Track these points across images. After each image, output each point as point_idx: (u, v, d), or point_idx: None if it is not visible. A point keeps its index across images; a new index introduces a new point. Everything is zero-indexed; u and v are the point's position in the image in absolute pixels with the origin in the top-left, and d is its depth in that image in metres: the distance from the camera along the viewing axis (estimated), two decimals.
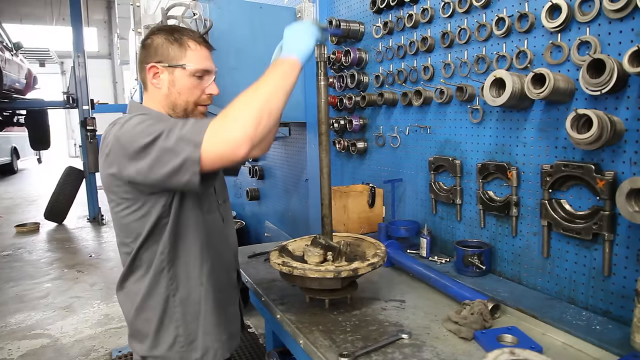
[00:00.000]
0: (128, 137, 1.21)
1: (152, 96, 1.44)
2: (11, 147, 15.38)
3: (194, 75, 1.42)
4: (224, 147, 1.14)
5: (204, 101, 1.48)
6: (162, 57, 1.40)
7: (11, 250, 6.66)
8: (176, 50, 1.41)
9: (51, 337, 3.97)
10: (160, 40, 1.41)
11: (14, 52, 8.92)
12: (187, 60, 1.41)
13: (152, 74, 1.41)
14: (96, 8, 20.23)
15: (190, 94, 1.43)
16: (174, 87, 1.41)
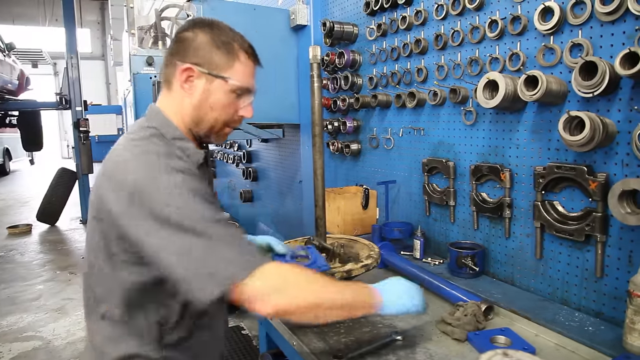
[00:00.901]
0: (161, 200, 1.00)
1: (176, 101, 1.19)
2: (3, 148, 15.28)
3: (233, 91, 1.18)
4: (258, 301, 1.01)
5: (234, 123, 1.25)
6: (202, 59, 1.15)
7: (3, 252, 6.59)
8: (223, 58, 1.16)
9: (43, 339, 3.93)
10: (205, 38, 1.16)
11: (6, 52, 8.86)
12: (233, 73, 1.17)
13: (186, 76, 1.16)
14: (89, 9, 20.15)
15: (223, 112, 1.20)
16: (207, 99, 1.17)
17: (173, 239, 0.99)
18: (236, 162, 4.97)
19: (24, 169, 18.15)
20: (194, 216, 1.00)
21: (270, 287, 1.02)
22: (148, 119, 1.20)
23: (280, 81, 3.11)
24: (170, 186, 1.01)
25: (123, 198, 1.01)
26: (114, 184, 1.04)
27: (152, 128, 1.16)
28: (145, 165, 1.04)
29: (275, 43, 3.16)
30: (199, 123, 1.20)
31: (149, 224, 1.00)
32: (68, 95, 7.85)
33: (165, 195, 1.00)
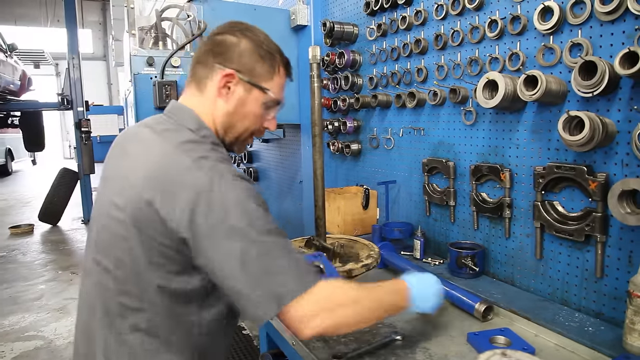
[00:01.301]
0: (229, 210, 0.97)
1: (209, 104, 1.16)
2: (5, 149, 15.32)
3: (266, 103, 1.19)
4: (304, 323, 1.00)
5: (258, 133, 1.26)
6: (244, 67, 1.14)
7: (5, 251, 6.61)
8: (265, 69, 1.16)
9: (45, 338, 3.94)
10: (249, 46, 1.14)
11: (8, 53, 8.88)
12: (272, 85, 1.18)
13: (225, 81, 1.14)
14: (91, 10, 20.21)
15: (253, 122, 1.20)
16: (242, 107, 1.16)
17: (236, 250, 0.96)
18: (237, 163, 4.98)
19: (26, 169, 18.20)
20: (261, 228, 0.99)
21: (319, 309, 1.01)
22: (179, 119, 1.15)
23: None
24: (238, 192, 1.00)
25: (186, 206, 0.97)
26: (170, 189, 0.98)
27: (189, 130, 1.11)
28: (208, 170, 1.00)
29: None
30: (228, 130, 1.18)
31: (217, 233, 0.97)
32: (70, 95, 7.86)
33: (232, 203, 0.97)
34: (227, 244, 0.96)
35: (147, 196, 0.99)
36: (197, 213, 0.96)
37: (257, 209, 1.00)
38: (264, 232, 0.98)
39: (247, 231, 0.97)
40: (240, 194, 0.99)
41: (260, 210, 1.01)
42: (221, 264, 0.98)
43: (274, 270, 0.97)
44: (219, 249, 0.97)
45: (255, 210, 0.99)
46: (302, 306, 0.98)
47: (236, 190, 0.99)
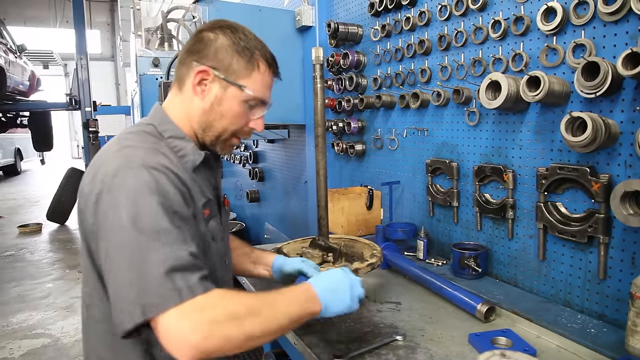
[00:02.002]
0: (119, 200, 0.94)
1: (186, 103, 1.15)
2: (15, 149, 15.49)
3: (247, 102, 1.15)
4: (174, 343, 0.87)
5: (243, 134, 1.22)
6: (220, 63, 1.12)
7: (14, 250, 6.69)
8: (242, 65, 1.13)
9: (52, 336, 3.99)
10: (226, 42, 1.12)
11: (17, 54, 8.97)
12: (250, 82, 1.14)
13: (200, 78, 1.12)
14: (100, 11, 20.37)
15: (233, 121, 1.16)
16: (219, 105, 1.14)
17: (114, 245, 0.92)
18: (243, 163, 5.00)
19: (35, 168, 18.39)
20: (146, 226, 0.91)
21: (195, 326, 0.87)
22: (150, 116, 1.18)
23: (285, 82, 3.10)
24: (135, 181, 0.95)
25: (95, 189, 0.98)
26: (93, 178, 1.01)
27: (150, 125, 1.14)
28: (121, 159, 0.99)
29: (281, 44, 3.17)
30: (206, 129, 1.16)
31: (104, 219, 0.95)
32: (78, 96, 7.94)
33: (125, 191, 0.94)
34: (109, 239, 0.93)
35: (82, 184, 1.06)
36: (100, 200, 0.96)
37: (151, 205, 0.93)
38: (147, 231, 0.91)
39: (128, 227, 0.91)
40: (141, 185, 0.94)
41: (157, 207, 0.93)
42: (100, 255, 0.96)
43: (145, 274, 0.88)
44: (103, 242, 0.95)
45: (148, 205, 0.93)
46: (173, 321, 0.87)
47: (138, 181, 0.95)
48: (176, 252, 0.91)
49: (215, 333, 0.88)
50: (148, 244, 0.90)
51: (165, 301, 0.87)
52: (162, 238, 0.91)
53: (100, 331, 1.10)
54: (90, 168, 1.06)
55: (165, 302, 0.87)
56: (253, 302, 0.99)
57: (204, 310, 0.89)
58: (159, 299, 0.87)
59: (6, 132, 11.18)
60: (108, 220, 0.94)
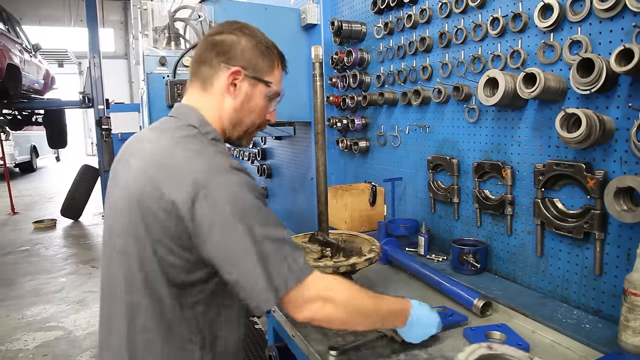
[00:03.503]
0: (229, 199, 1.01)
1: (216, 102, 1.20)
2: (31, 146, 15.78)
3: (268, 96, 1.25)
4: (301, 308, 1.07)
5: (262, 125, 1.31)
6: (248, 64, 1.19)
7: (29, 245, 6.85)
8: (266, 64, 1.23)
9: (65, 329, 4.09)
10: (250, 44, 1.20)
11: (32, 53, 9.13)
12: (273, 78, 1.25)
13: (232, 78, 1.18)
14: (113, 9, 20.58)
15: (259, 115, 1.26)
16: (248, 102, 1.22)
17: (233, 238, 1.00)
18: (251, 159, 5.04)
19: (50, 165, 18.72)
20: (258, 219, 1.03)
21: (316, 297, 1.07)
22: (184, 117, 1.18)
23: (291, 79, 3.12)
24: (233, 184, 1.03)
25: (188, 194, 1.00)
26: (177, 179, 1.03)
27: (191, 126, 1.15)
28: (206, 162, 1.05)
29: (286, 42, 3.20)
30: (236, 125, 1.24)
31: (212, 220, 1.00)
32: (90, 93, 8.06)
33: (229, 194, 1.01)
34: (223, 235, 1.00)
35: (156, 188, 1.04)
36: (197, 201, 1.00)
37: (253, 201, 1.04)
38: (259, 224, 1.02)
39: (238, 222, 1.00)
40: (236, 186, 1.03)
41: (257, 202, 1.04)
42: (218, 254, 1.02)
43: (270, 260, 1.01)
44: (216, 238, 1.00)
45: (251, 201, 1.03)
46: (297, 294, 1.04)
47: (232, 182, 1.03)
48: (283, 237, 1.06)
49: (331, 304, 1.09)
50: (260, 234, 1.02)
51: (287, 282, 1.03)
52: (270, 228, 1.04)
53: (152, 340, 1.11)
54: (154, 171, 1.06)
55: (287, 283, 1.03)
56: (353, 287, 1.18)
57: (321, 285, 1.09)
58: (282, 282, 1.02)
59: (22, 130, 11.38)
60: (217, 222, 1.00)
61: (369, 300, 1.19)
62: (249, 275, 1.01)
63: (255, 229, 1.01)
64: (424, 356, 1.35)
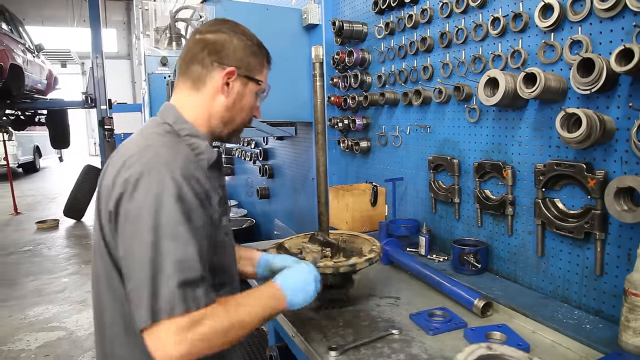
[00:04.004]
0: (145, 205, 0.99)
1: (207, 101, 1.21)
2: (34, 146, 15.84)
3: (256, 94, 1.27)
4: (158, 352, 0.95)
5: (249, 123, 1.34)
6: (241, 63, 1.21)
7: (32, 245, 6.87)
8: (257, 63, 1.25)
9: (67, 329, 4.10)
10: (242, 43, 1.21)
11: (35, 53, 9.17)
12: (262, 76, 1.27)
13: (227, 78, 1.20)
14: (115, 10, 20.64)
15: (248, 113, 1.28)
16: (240, 101, 1.23)
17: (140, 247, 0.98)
18: (253, 160, 5.05)
19: (53, 165, 18.78)
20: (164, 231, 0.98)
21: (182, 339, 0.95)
22: (162, 115, 1.21)
23: (292, 79, 3.15)
24: (156, 192, 1.00)
25: (119, 189, 1.03)
26: (118, 173, 1.05)
27: (165, 124, 1.18)
28: (146, 161, 1.04)
29: (288, 42, 3.20)
30: (228, 123, 1.25)
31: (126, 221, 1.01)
32: (93, 94, 8.09)
33: (148, 201, 0.99)
34: (130, 237, 1.00)
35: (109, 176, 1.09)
36: (123, 197, 1.01)
37: (173, 212, 0.99)
38: (166, 238, 0.97)
39: (149, 232, 0.97)
40: (164, 192, 1.00)
41: (177, 215, 0.99)
42: (118, 250, 1.03)
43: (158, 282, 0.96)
44: (124, 238, 1.01)
45: (170, 212, 0.99)
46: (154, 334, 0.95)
47: (161, 188, 1.00)
48: (190, 263, 0.99)
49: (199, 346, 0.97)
50: (165, 250, 0.97)
51: (172, 310, 0.94)
52: (179, 247, 0.98)
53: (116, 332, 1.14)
54: (113, 164, 1.10)
55: (172, 311, 0.94)
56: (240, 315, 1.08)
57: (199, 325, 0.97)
58: (167, 306, 0.95)
59: (25, 130, 11.42)
60: (129, 222, 1.00)
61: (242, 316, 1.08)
62: (138, 288, 0.96)
63: (162, 244, 0.97)
64: (424, 356, 1.35)
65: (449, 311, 1.60)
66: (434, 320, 1.54)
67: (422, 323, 1.53)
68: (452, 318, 1.55)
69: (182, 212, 1.00)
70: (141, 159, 1.05)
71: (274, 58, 1.34)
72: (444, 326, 1.50)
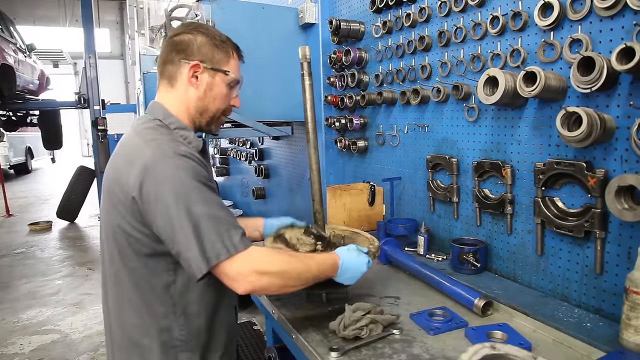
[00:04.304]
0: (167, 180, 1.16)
1: (182, 95, 1.36)
2: (26, 147, 15.68)
3: (229, 84, 1.40)
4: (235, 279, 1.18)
5: (227, 112, 1.46)
6: (205, 57, 1.35)
7: (24, 248, 6.80)
8: (222, 55, 1.37)
9: (61, 332, 4.06)
10: (204, 40, 1.35)
11: (27, 53, 9.07)
12: (230, 67, 1.39)
13: (193, 71, 1.34)
14: (108, 9, 20.50)
15: (222, 102, 1.41)
16: (210, 91, 1.37)
17: (173, 215, 1.14)
18: (249, 160, 5.03)
19: (45, 167, 18.61)
20: (193, 197, 1.15)
21: (250, 271, 1.18)
22: (152, 112, 1.36)
23: (288, 79, 3.13)
24: (175, 168, 1.17)
25: (137, 177, 1.17)
26: (131, 165, 1.20)
27: (156, 120, 1.33)
28: (154, 149, 1.20)
29: (284, 41, 3.19)
30: (203, 113, 1.39)
31: (156, 200, 1.15)
32: (86, 94, 8.00)
33: (170, 177, 1.16)
34: (164, 213, 1.15)
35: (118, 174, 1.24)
36: (144, 183, 1.16)
37: (193, 183, 1.17)
38: (197, 203, 1.15)
39: (180, 203, 1.14)
40: (177, 169, 1.17)
41: (196, 184, 1.18)
42: (161, 230, 1.17)
43: (204, 235, 1.14)
44: (160, 216, 1.16)
45: (189, 183, 1.17)
46: (231, 266, 1.16)
47: (174, 166, 1.17)
48: (220, 216, 1.18)
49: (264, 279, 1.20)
50: (197, 213, 1.15)
51: (218, 255, 1.15)
52: (207, 207, 1.17)
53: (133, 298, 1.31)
54: (122, 158, 1.26)
55: (219, 256, 1.14)
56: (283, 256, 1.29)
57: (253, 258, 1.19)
58: (214, 254, 1.14)
59: (17, 131, 11.29)
60: (160, 202, 1.15)
61: (300, 265, 1.30)
62: (185, 247, 1.14)
63: (192, 208, 1.14)
64: (425, 356, 1.34)
65: (449, 311, 1.59)
66: (434, 320, 1.53)
67: (422, 323, 1.53)
68: (452, 317, 1.55)
69: (199, 181, 1.18)
70: (150, 148, 1.21)
71: (270, 57, 1.44)
72: (444, 326, 1.50)
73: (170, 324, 1.30)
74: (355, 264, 1.46)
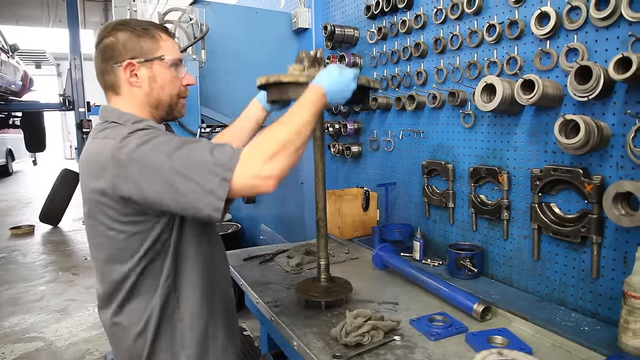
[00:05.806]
0: (141, 155, 1.13)
1: (130, 98, 1.33)
2: (6, 149, 15.35)
3: (171, 66, 1.35)
4: (256, 182, 1.09)
5: (184, 93, 1.42)
6: (134, 52, 1.29)
7: (5, 252, 6.63)
8: (149, 43, 1.31)
9: (45, 340, 3.96)
10: (126, 35, 1.29)
11: (10, 54, 8.91)
12: (163, 51, 1.33)
13: (129, 72, 1.30)
14: (93, 10, 20.19)
15: (172, 86, 1.36)
16: (155, 82, 1.33)
17: (160, 179, 1.10)
18: None
19: (26, 169, 18.22)
20: (167, 150, 1.11)
21: (257, 166, 1.10)
22: (105, 117, 1.32)
23: None
24: (137, 144, 1.14)
25: (101, 171, 1.17)
26: (92, 168, 1.21)
27: (111, 122, 1.29)
28: (112, 139, 1.19)
29: (277, 46, 3.19)
30: (157, 106, 1.36)
31: (140, 173, 1.12)
32: (71, 96, 7.89)
33: (137, 151, 1.13)
34: (151, 184, 1.12)
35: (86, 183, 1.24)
36: (117, 181, 1.15)
37: (155, 141, 1.14)
38: (169, 153, 1.11)
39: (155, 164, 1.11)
40: (137, 144, 1.14)
41: (158, 139, 1.15)
42: (157, 198, 1.13)
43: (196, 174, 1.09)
44: (147, 185, 1.12)
45: (153, 143, 1.14)
46: (242, 176, 1.09)
47: (133, 144, 1.15)
48: (203, 146, 1.13)
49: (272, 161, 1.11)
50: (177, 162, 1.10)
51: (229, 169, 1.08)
52: (182, 148, 1.12)
53: None
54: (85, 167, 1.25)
55: (229, 170, 1.08)
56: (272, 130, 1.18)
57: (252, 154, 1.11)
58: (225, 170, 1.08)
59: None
60: (143, 173, 1.12)
61: (289, 123, 1.20)
62: (193, 194, 1.09)
63: (174, 157, 1.10)
64: None
65: (448, 316, 1.60)
66: (434, 326, 1.54)
67: (423, 329, 1.53)
68: (452, 323, 1.56)
69: (165, 134, 1.19)
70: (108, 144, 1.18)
71: (263, 61, 1.41)
72: (445, 331, 1.51)
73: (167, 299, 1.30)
74: (342, 84, 1.36)
